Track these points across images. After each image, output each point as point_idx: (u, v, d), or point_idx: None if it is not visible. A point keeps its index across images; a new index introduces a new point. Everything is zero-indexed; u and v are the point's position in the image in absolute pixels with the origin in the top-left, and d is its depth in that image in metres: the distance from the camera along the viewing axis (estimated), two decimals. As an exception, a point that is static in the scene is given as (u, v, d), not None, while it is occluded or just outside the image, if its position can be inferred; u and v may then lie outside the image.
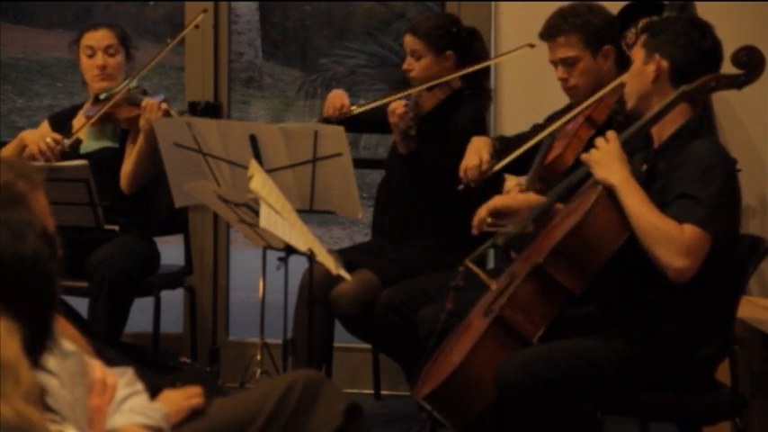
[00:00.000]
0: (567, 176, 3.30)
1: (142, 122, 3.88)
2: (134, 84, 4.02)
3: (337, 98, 3.97)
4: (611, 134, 2.87)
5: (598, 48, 3.47)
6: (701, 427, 3.06)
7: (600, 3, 3.59)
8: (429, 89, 3.83)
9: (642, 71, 2.90)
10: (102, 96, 4.01)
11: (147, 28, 9.74)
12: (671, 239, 2.70)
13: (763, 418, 3.36)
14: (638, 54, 2.93)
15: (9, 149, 4.00)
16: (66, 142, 3.91)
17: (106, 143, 4.02)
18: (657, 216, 2.73)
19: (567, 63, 3.48)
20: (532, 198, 3.18)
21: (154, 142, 3.86)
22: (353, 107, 3.89)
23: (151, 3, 9.68)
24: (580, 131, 3.41)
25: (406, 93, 3.84)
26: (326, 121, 3.91)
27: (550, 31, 3.50)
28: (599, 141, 2.88)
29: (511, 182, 3.43)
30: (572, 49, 3.46)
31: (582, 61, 3.47)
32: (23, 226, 1.52)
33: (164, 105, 3.87)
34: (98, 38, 4.03)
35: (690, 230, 2.72)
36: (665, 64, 2.87)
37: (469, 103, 3.86)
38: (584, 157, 2.89)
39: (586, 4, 3.55)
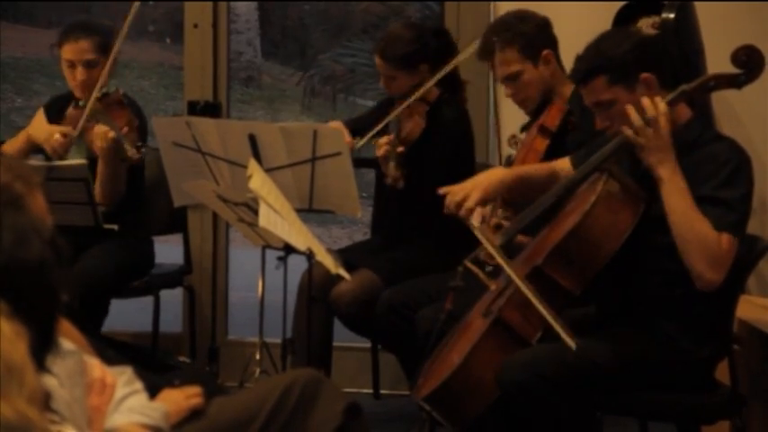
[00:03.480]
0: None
1: (95, 148, 3.78)
2: (113, 89, 3.92)
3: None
4: (658, 101, 2.76)
5: (536, 55, 3.46)
6: (701, 427, 3.06)
7: (597, 3, 3.59)
8: (409, 111, 3.80)
9: (635, 100, 2.79)
10: (81, 103, 3.91)
11: (146, 27, 9.74)
12: (709, 251, 2.69)
13: (763, 417, 3.36)
14: (611, 95, 2.81)
15: (16, 146, 3.95)
16: (75, 133, 3.84)
17: (77, 157, 3.86)
18: (700, 223, 2.70)
19: (511, 79, 3.46)
20: (507, 178, 3.09)
21: (114, 165, 3.78)
22: (356, 140, 3.87)
23: (150, 2, 9.68)
24: (535, 143, 3.39)
25: (399, 110, 3.83)
26: None
27: (486, 51, 3.49)
28: (646, 102, 2.76)
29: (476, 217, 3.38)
30: (511, 65, 3.45)
31: (524, 73, 3.46)
32: (29, 232, 1.51)
33: (111, 134, 3.69)
34: (78, 51, 3.91)
35: (726, 240, 2.71)
36: (652, 76, 2.81)
37: (449, 109, 3.86)
38: (627, 132, 2.77)
39: (516, 12, 3.53)
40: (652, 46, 2.91)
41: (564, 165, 3.11)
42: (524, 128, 3.55)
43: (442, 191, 3.11)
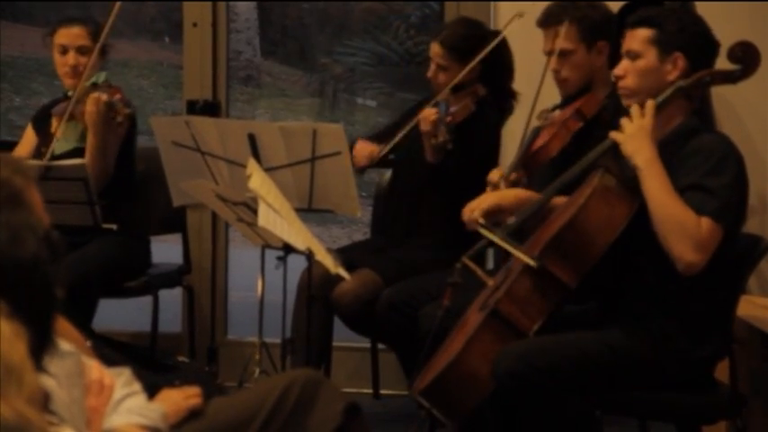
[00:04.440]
0: (550, 166, 3.30)
1: (86, 117, 3.83)
2: (102, 78, 3.97)
3: (364, 149, 3.95)
4: (649, 104, 2.81)
5: (593, 43, 3.48)
6: (701, 427, 3.06)
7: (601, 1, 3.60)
8: (457, 97, 3.82)
9: (658, 69, 2.86)
10: (70, 93, 3.97)
11: (145, 26, 9.74)
12: (688, 232, 2.70)
13: (763, 417, 3.36)
14: (643, 49, 2.88)
15: None
16: (47, 153, 3.88)
17: (75, 144, 3.95)
18: (677, 205, 2.71)
19: (562, 54, 3.48)
20: (522, 194, 3.18)
21: (103, 137, 3.83)
22: (380, 149, 3.89)
23: (150, 2, 9.69)
24: (569, 123, 3.41)
25: (413, 122, 3.83)
26: (362, 170, 3.97)
27: (549, 19, 3.51)
28: (635, 110, 2.82)
29: (495, 173, 3.40)
30: (568, 41, 3.46)
31: (576, 54, 3.47)
32: (24, 229, 1.51)
33: (103, 97, 3.77)
34: (71, 36, 3.99)
35: (706, 224, 2.72)
36: (684, 62, 2.86)
37: (490, 110, 3.87)
38: (613, 134, 2.84)
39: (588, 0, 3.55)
40: (708, 41, 2.92)
41: None
42: (556, 107, 3.55)
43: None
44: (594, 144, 3.04)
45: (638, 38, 2.90)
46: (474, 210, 3.16)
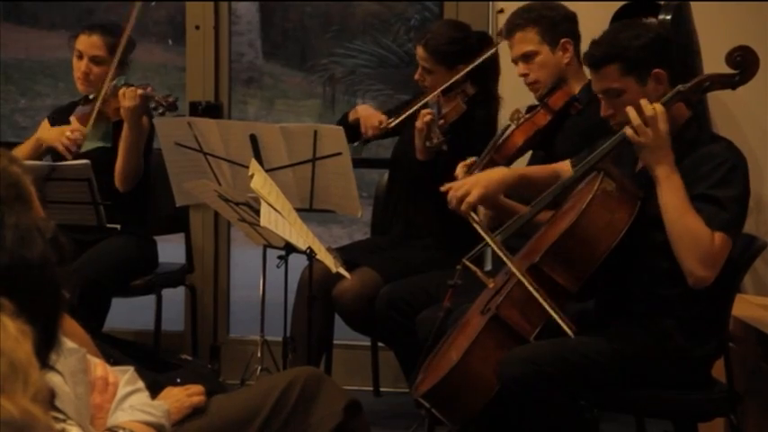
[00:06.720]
0: (515, 156, 3.35)
1: (122, 112, 3.86)
2: (121, 83, 4.01)
3: (373, 117, 3.95)
4: (658, 108, 2.77)
5: (555, 41, 3.51)
6: (697, 424, 3.08)
7: (596, 2, 3.63)
8: (447, 98, 3.85)
9: (645, 93, 2.83)
10: (92, 96, 4.01)
11: (149, 29, 9.74)
12: (701, 248, 2.72)
13: (758, 414, 3.38)
14: (621, 84, 2.84)
15: (25, 152, 4.02)
16: (85, 129, 3.93)
17: (99, 143, 3.99)
18: (693, 221, 2.73)
19: (526, 57, 3.51)
20: (509, 178, 3.09)
21: (139, 132, 3.87)
22: (390, 120, 3.91)
23: (152, 4, 9.71)
24: (535, 117, 3.45)
25: (426, 99, 3.86)
26: (368, 141, 3.93)
27: (509, 29, 3.55)
28: (644, 103, 2.79)
29: (460, 168, 3.39)
30: (529, 44, 3.50)
31: (540, 55, 3.51)
32: (32, 230, 1.52)
33: (139, 91, 3.82)
34: (89, 44, 4.02)
35: (719, 239, 2.74)
36: (664, 73, 2.86)
37: (481, 109, 3.89)
38: (628, 131, 2.80)
39: (544, 2, 3.59)
40: (668, 43, 2.92)
41: (565, 167, 3.13)
42: (530, 109, 3.58)
43: (443, 188, 3.13)
44: (566, 135, 3.08)
45: (610, 76, 2.86)
46: (464, 203, 3.05)
